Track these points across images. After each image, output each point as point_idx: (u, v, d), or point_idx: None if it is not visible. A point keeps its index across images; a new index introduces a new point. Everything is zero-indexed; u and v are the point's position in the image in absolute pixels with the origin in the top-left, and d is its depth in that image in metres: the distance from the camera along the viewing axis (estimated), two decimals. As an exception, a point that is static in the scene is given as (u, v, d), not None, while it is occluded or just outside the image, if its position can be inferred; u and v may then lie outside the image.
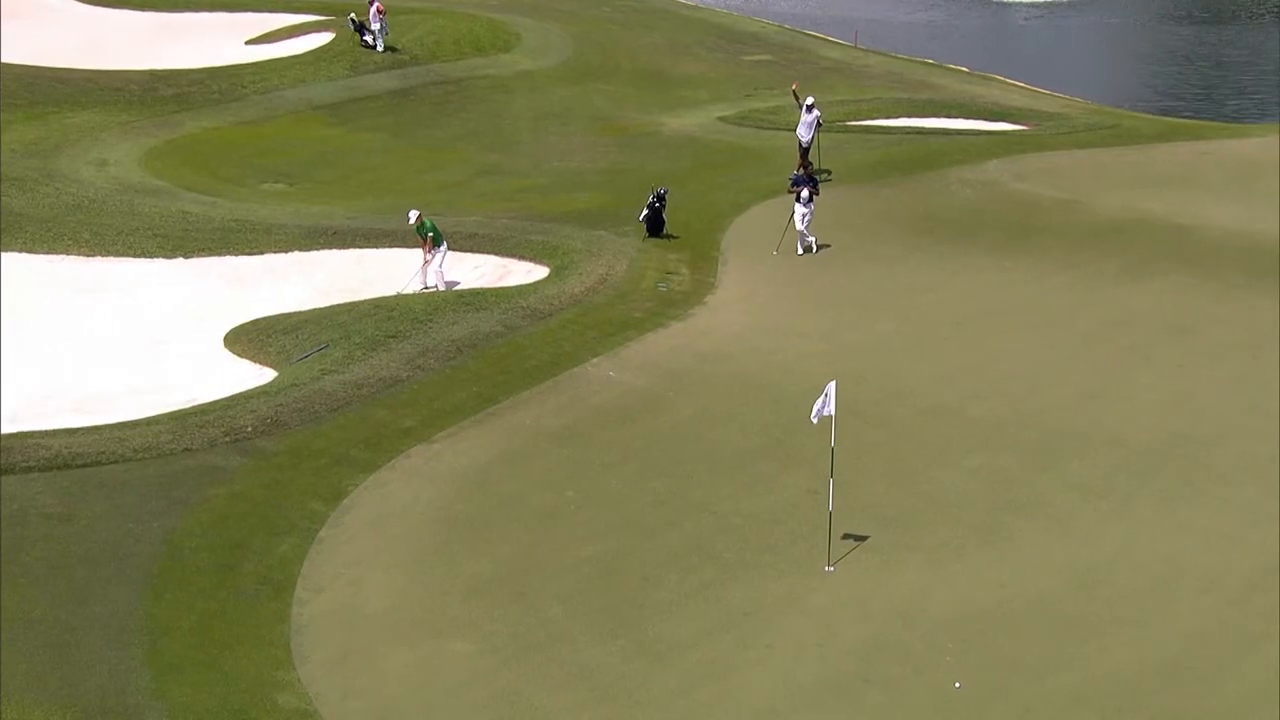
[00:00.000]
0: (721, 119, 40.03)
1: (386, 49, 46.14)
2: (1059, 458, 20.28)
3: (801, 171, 29.95)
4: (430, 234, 27.42)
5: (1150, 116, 41.90)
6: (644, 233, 29.74)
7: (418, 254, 27.68)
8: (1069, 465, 20.09)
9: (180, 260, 29.65)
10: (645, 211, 29.78)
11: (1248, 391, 21.94)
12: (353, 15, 46.98)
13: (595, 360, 24.00)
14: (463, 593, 17.48)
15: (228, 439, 20.84)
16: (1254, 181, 32.09)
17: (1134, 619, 16.55)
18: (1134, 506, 19.00)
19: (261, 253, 29.82)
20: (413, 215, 27.77)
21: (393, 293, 27.03)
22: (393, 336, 24.57)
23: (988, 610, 16.84)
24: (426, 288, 27.59)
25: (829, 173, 32.25)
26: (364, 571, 17.92)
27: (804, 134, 32.58)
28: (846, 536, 18.24)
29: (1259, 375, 22.36)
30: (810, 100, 32.88)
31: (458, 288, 27.60)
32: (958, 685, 15.45)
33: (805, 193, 28.54)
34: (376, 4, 45.90)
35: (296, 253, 29.88)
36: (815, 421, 17.79)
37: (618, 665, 16.09)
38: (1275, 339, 23.46)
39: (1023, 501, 19.25)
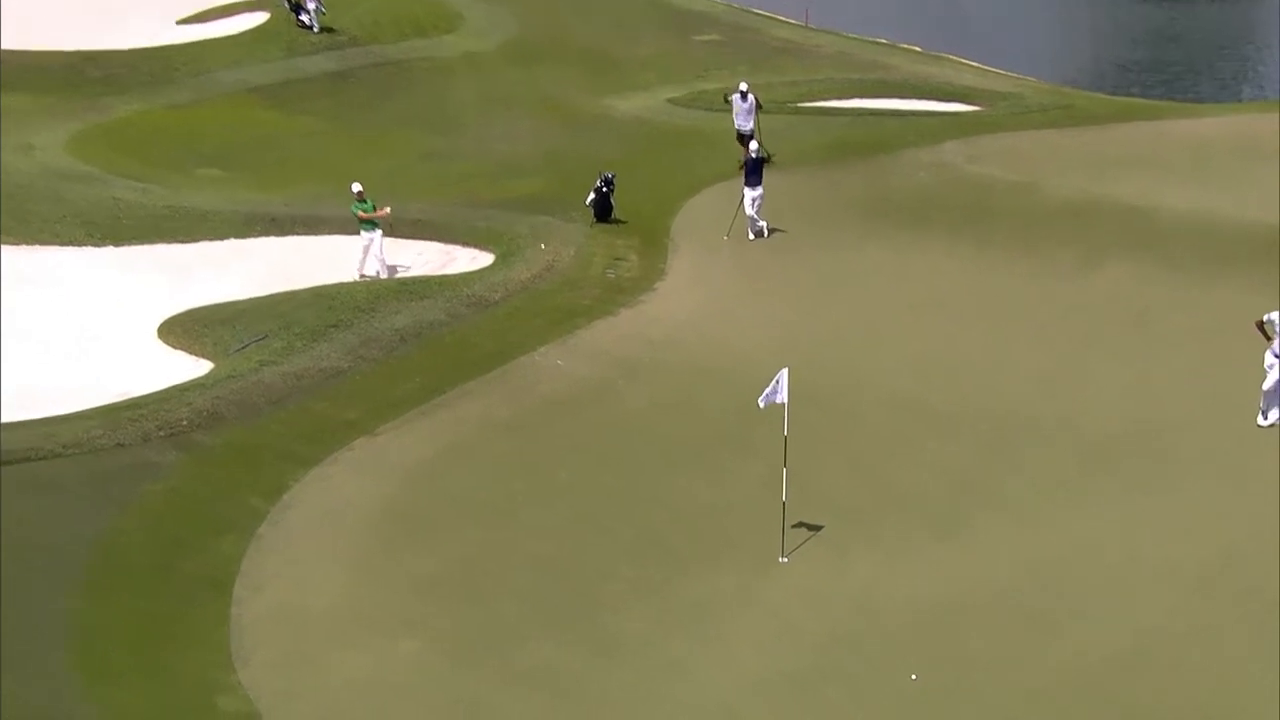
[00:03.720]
0: (671, 101, 40.01)
1: (323, 29, 45.69)
2: (1016, 448, 20.47)
3: (751, 156, 30.07)
4: (368, 211, 27.23)
5: (1105, 97, 42.29)
6: (592, 218, 29.68)
7: (359, 242, 27.49)
8: (1026, 456, 20.28)
9: (111, 249, 29.29)
10: (593, 196, 29.71)
11: (1206, 380, 22.16)
12: (288, -7, 46.47)
13: (543, 349, 23.95)
14: (410, 590, 17.42)
15: (163, 434, 20.64)
16: (1211, 163, 32.35)
17: (1092, 611, 16.73)
18: (1092, 497, 19.21)
19: (196, 240, 29.52)
20: (357, 187, 27.54)
21: (334, 281, 26.87)
22: (334, 326, 24.41)
23: (945, 603, 16.98)
24: (365, 276, 27.42)
25: (769, 158, 32.15)
26: (307, 569, 17.82)
27: (742, 123, 32.68)
28: (801, 527, 18.34)
29: (1217, 363, 22.54)
30: (743, 86, 32.94)
31: (400, 275, 27.47)
32: (914, 678, 15.59)
33: (756, 176, 28.60)
34: (313, -18, 45.46)
35: (233, 240, 29.63)
36: (763, 406, 17.85)
37: (572, 663, 16.10)
38: (1233, 325, 23.52)
39: (980, 493, 19.42)
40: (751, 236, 29.03)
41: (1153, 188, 30.59)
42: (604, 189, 29.65)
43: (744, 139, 32.41)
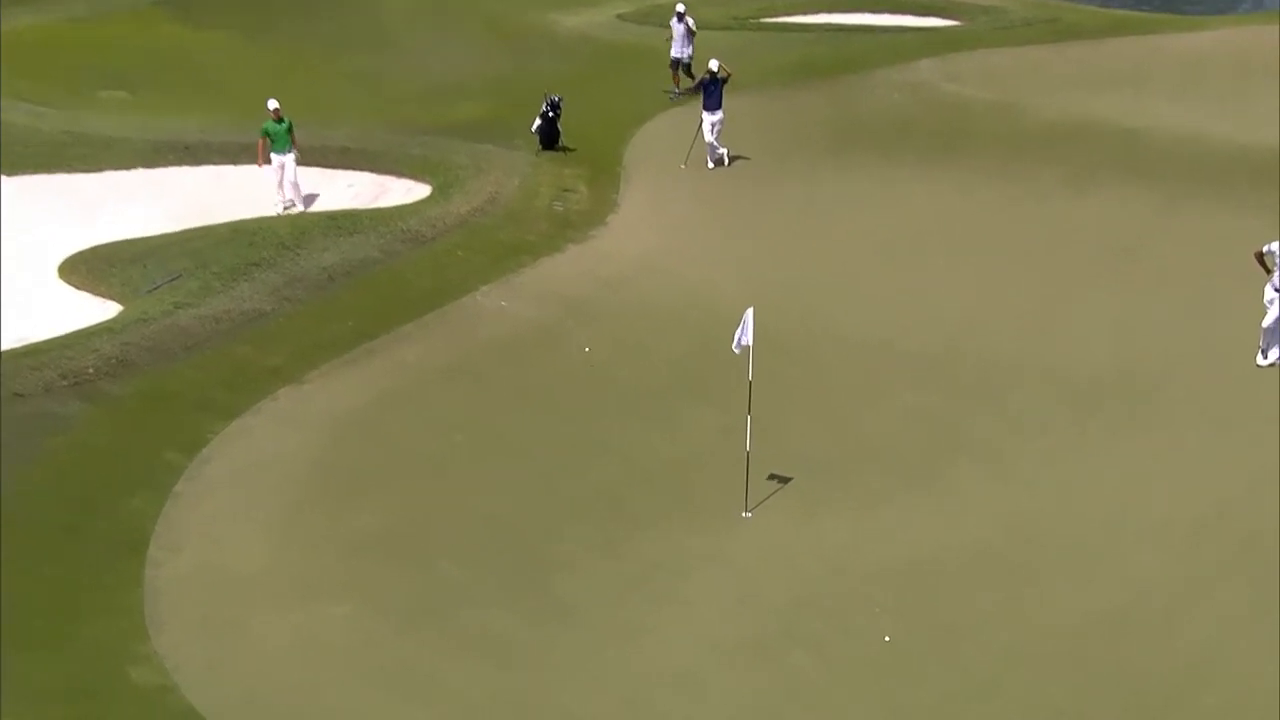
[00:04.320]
0: (621, 17, 39.91)
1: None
2: (996, 394, 20.64)
3: (679, 90, 30.15)
4: (283, 133, 26.95)
5: (1094, 9, 42.43)
6: (537, 146, 29.59)
7: (271, 167, 27.26)
8: (1007, 402, 20.46)
9: (4, 179, 28.94)
10: (538, 122, 29.61)
11: (1201, 316, 22.43)
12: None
13: (485, 289, 23.91)
14: (342, 550, 17.38)
15: (66, 382, 20.45)
16: (1207, 80, 32.56)
17: (1077, 568, 16.93)
18: (1077, 447, 19.41)
19: (101, 170, 29.28)
20: (273, 103, 27.25)
21: (255, 215, 26.69)
22: (255, 265, 24.26)
23: (920, 560, 17.14)
24: (288, 208, 27.24)
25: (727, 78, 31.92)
26: (228, 528, 17.74)
27: (679, 49, 32.63)
28: (766, 480, 18.45)
29: (1211, 299, 22.84)
30: (680, 8, 32.84)
31: (328, 208, 27.30)
32: (887, 639, 15.75)
33: (715, 100, 28.53)
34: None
35: (142, 170, 29.39)
36: (737, 351, 17.91)
37: (520, 628, 16.14)
38: (1229, 257, 23.75)
39: (957, 443, 19.59)
40: (711, 165, 29.01)
41: (1144, 108, 30.87)
42: (550, 114, 29.53)
43: (677, 67, 32.44)
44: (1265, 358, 20.80)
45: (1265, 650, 15.23)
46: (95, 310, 23.67)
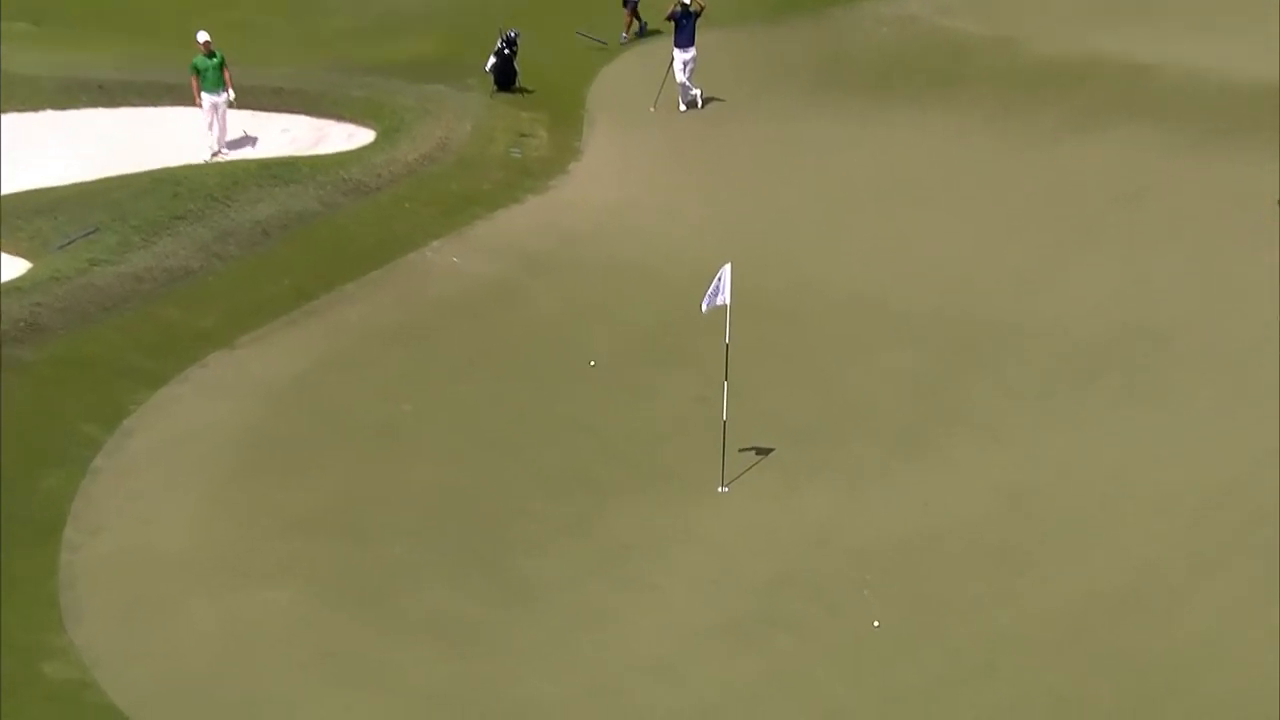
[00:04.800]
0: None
1: None
2: (992, 356, 20.93)
3: (626, 36, 30.25)
4: (214, 69, 26.95)
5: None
6: (491, 86, 29.60)
7: (204, 108, 27.24)
8: (1004, 365, 20.76)
9: (-103, 123, 28.82)
10: (493, 60, 29.60)
11: (1214, 271, 22.63)
12: None
13: (436, 244, 24.10)
14: (280, 529, 17.54)
15: (-30, 349, 20.42)
16: (1222, 10, 32.52)
17: (1078, 545, 17.23)
18: (1078, 415, 19.68)
19: (3, 112, 28.99)
20: (203, 36, 27.16)
21: (180, 162, 26.67)
22: (181, 218, 24.26)
23: (911, 538, 17.43)
24: (216, 155, 27.25)
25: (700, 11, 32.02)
26: (154, 506, 17.86)
27: None
28: (745, 452, 18.68)
29: (1224, 252, 23.05)
30: None
31: (262, 156, 27.30)
32: (876, 625, 16.01)
33: (687, 35, 28.64)
34: None
35: (50, 112, 29.27)
36: (706, 311, 18.10)
37: (475, 612, 16.35)
38: (1245, 205, 24.09)
39: (951, 409, 19.87)
40: (683, 107, 29.13)
41: (1155, 42, 30.70)
42: (506, 51, 29.53)
43: (630, 4, 32.45)
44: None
45: (1272, 634, 15.48)
46: (2, 267, 23.58)
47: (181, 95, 28.69)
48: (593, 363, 20.80)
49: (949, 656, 15.61)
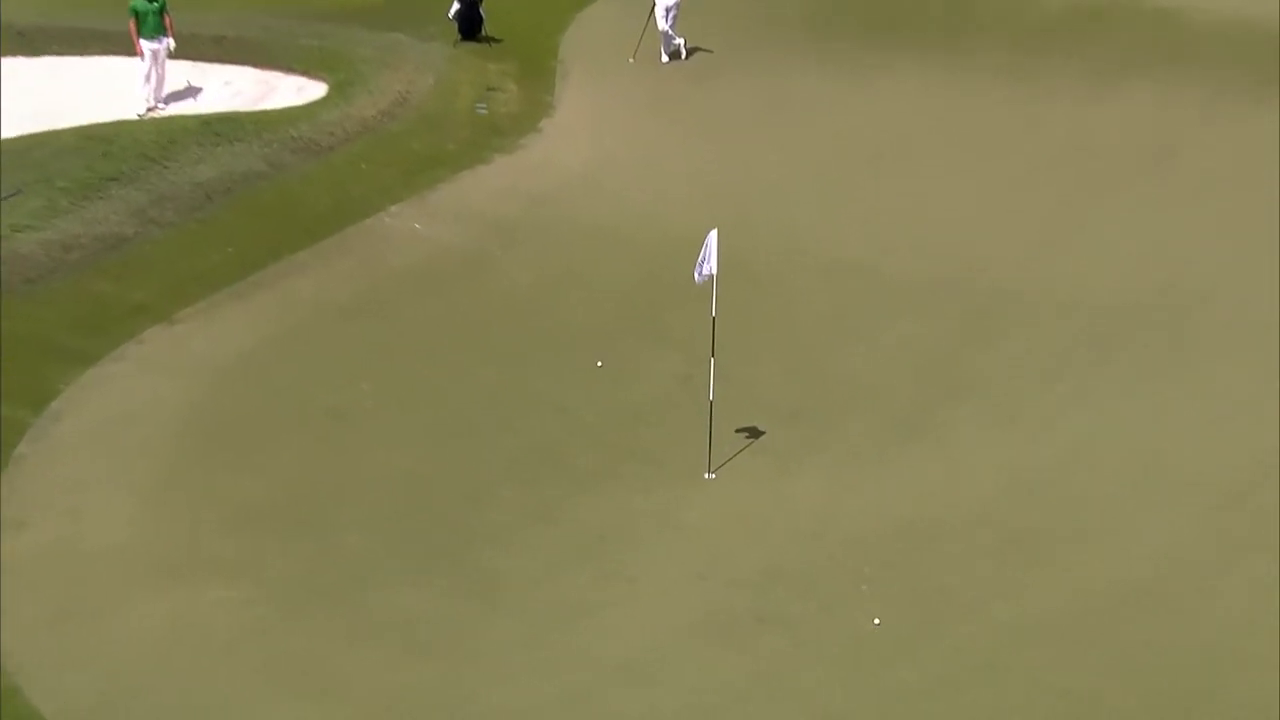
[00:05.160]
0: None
1: None
2: (1003, 328, 21.06)
3: None
4: (153, 14, 26.81)
5: None
6: (455, 35, 29.56)
7: (143, 58, 27.08)
8: (1016, 337, 20.88)
9: None
10: (456, 6, 29.55)
11: (1241, 238, 22.68)
12: None
13: (395, 209, 24.08)
14: (225, 522, 17.52)
15: (-119, 325, 20.30)
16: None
17: (1095, 534, 17.27)
18: (1097, 389, 19.79)
19: (-89, 63, 28.90)
20: None
21: (111, 118, 26.55)
22: (113, 179, 24.10)
23: (912, 527, 17.51)
24: (152, 109, 27.12)
25: None
26: (85, 498, 17.77)
27: None
28: (733, 434, 18.77)
29: (1256, 214, 23.07)
30: None
31: (203, 112, 27.20)
32: (877, 623, 16.01)
33: None
34: None
35: (-36, 62, 29.05)
36: (699, 282, 18.13)
37: (438, 610, 16.40)
38: (1278, 164, 24.14)
39: (956, 386, 19.97)
40: (665, 59, 29.08)
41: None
42: (471, -5, 29.54)
43: None
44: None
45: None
46: (-87, 236, 23.51)
47: (112, 43, 28.40)
48: (600, 363, 20.63)
49: (953, 656, 15.66)
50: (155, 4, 26.68)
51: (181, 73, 27.96)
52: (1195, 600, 16.28)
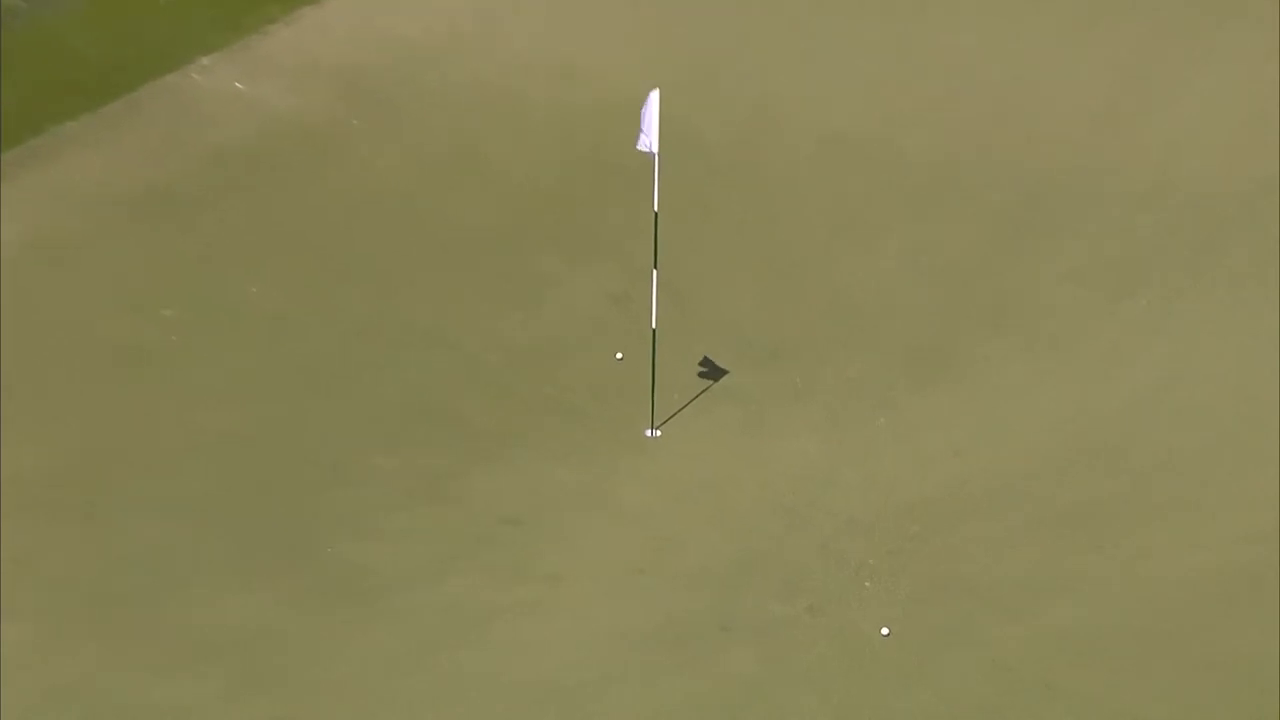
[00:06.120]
0: None
1: None
2: (1051, 225, 21.40)
3: None
4: None
5: None
6: None
7: None
8: (1072, 241, 21.21)
9: None
10: None
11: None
12: None
13: (207, 60, 24.17)
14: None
15: None
16: None
17: (1178, 508, 17.52)
18: (1183, 312, 20.14)
19: None
20: None
21: None
22: None
23: (931, 501, 17.81)
24: None
25: None
26: None
27: None
28: (689, 377, 19.14)
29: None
30: None
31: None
32: (885, 633, 16.21)
33: None
34: None
35: None
36: (646, 150, 18.11)
37: (278, 625, 16.53)
38: None
39: (989, 305, 20.36)
40: None
41: None
42: None
43: None
44: None
45: None
46: None
47: None
48: (619, 355, 20.33)
49: (988, 676, 15.74)
50: None
51: None
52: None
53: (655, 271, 18.79)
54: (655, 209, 18.59)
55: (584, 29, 25.17)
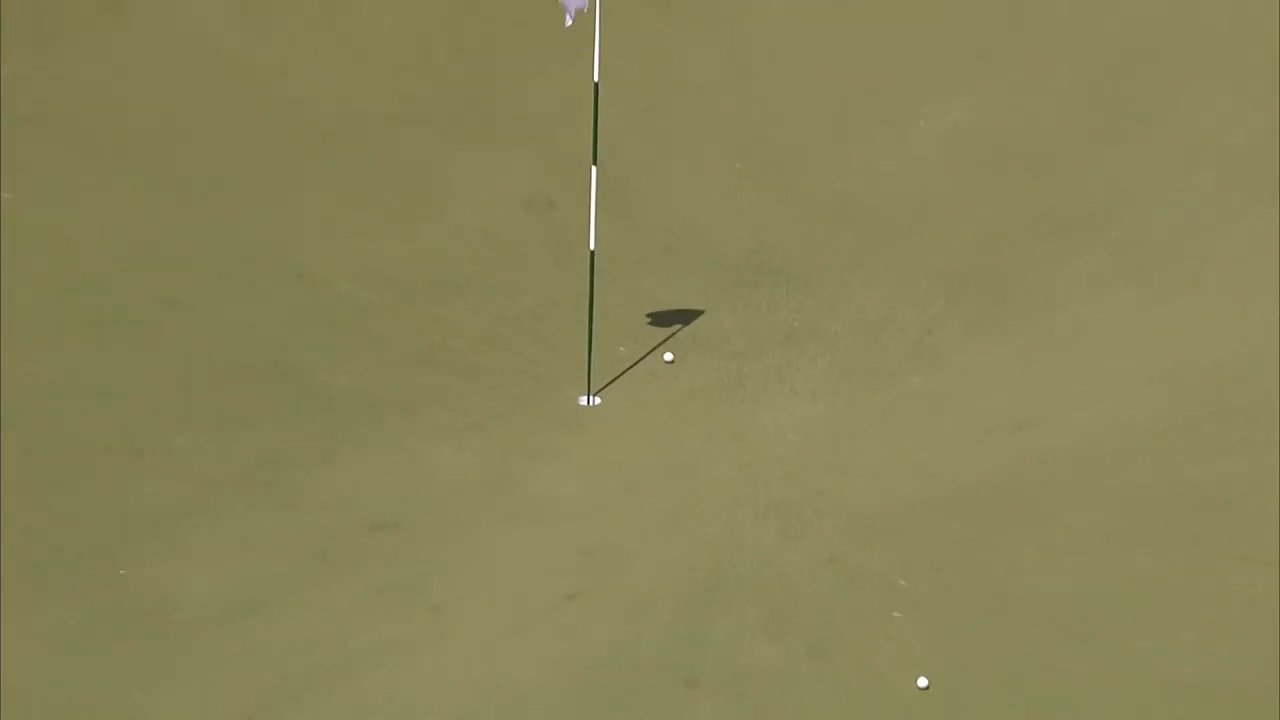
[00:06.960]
0: None
1: None
2: (1167, 96, 21.63)
3: None
4: None
5: None
6: None
7: None
8: (1187, 115, 21.43)
9: None
10: None
11: None
12: None
13: None
14: None
15: None
16: None
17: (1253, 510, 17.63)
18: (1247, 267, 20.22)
19: None
20: None
21: None
22: None
23: (985, 485, 17.93)
24: None
25: None
26: None
27: None
28: (636, 323, 19.13)
29: None
30: None
31: None
32: (924, 685, 16.16)
33: None
34: None
35: None
36: (570, 20, 17.85)
37: (54, 671, 16.41)
38: None
39: (1069, 212, 20.51)
40: None
41: None
42: None
43: None
44: None
45: None
46: None
47: None
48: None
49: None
50: None
51: None
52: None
53: (594, 169, 18.47)
54: (595, 78, 18.38)
55: None
